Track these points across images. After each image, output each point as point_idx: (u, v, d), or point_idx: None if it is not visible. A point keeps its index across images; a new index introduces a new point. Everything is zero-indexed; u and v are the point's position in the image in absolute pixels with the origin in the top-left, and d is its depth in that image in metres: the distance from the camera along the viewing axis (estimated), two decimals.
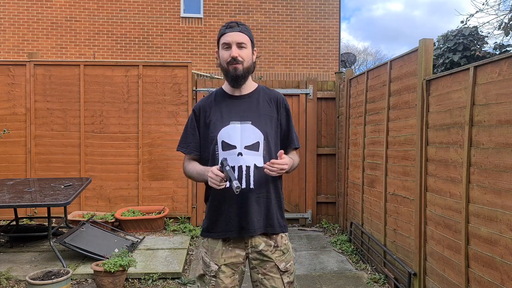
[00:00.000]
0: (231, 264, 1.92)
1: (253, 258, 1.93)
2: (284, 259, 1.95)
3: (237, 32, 1.89)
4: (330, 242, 5.25)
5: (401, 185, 3.75)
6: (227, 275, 1.91)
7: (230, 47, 1.89)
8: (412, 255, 3.50)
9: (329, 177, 6.12)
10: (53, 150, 5.71)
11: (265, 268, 1.92)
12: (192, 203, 5.85)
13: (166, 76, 5.83)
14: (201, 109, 2.01)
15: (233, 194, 1.83)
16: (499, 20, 8.22)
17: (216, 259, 1.91)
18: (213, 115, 1.96)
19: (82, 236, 4.39)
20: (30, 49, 10.01)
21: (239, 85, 1.95)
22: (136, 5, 10.35)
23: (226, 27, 1.92)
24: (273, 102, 2.00)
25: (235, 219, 1.89)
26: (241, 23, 1.94)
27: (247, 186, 1.87)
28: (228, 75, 1.92)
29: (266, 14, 10.59)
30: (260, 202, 1.90)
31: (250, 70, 1.95)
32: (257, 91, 2.02)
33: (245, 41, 1.90)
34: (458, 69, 2.89)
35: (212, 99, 2.02)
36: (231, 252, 1.92)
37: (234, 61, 1.88)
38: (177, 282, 3.89)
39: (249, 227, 1.88)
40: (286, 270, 1.95)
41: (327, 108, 6.12)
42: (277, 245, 1.94)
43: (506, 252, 2.31)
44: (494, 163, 2.43)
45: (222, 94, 2.01)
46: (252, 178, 1.88)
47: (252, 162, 1.89)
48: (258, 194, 1.90)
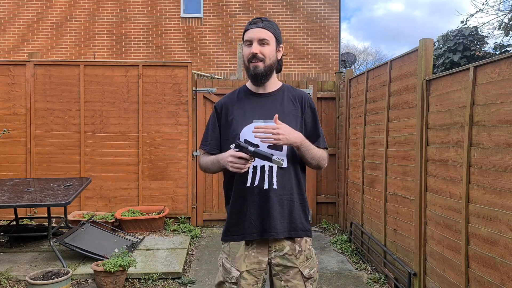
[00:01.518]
0: (253, 271, 1.82)
1: (275, 264, 1.84)
2: (308, 265, 1.87)
3: (259, 28, 1.83)
4: (330, 242, 5.25)
5: (401, 185, 3.75)
6: (249, 283, 1.81)
7: (252, 43, 1.83)
8: (412, 255, 3.50)
9: (329, 177, 6.12)
10: (53, 150, 5.71)
11: (288, 274, 1.83)
12: (192, 203, 5.85)
13: (166, 76, 5.83)
14: (223, 107, 1.94)
15: (255, 195, 1.80)
16: (499, 20, 8.23)
17: (238, 265, 1.82)
18: (236, 113, 1.89)
19: (82, 236, 4.39)
20: (30, 49, 10.01)
21: (260, 83, 1.89)
22: (136, 5, 10.35)
23: (250, 23, 1.86)
24: (297, 101, 1.92)
25: (257, 220, 1.81)
26: (265, 18, 1.88)
27: (270, 187, 1.80)
28: (249, 73, 1.86)
29: (266, 14, 10.59)
30: (283, 204, 1.82)
31: (272, 68, 1.88)
32: (282, 89, 1.94)
33: (267, 37, 1.83)
34: (458, 69, 2.89)
35: (235, 97, 1.95)
36: (253, 258, 1.83)
37: (255, 58, 1.82)
38: (177, 282, 3.89)
39: (271, 229, 1.80)
40: (310, 277, 1.86)
41: (327, 108, 6.12)
42: (301, 249, 1.86)
43: (506, 252, 2.31)
44: (494, 163, 2.43)
45: (246, 91, 1.94)
46: (276, 179, 1.80)
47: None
48: (281, 196, 1.81)
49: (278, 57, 1.91)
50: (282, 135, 1.70)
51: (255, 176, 1.81)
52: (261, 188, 1.80)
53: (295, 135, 1.76)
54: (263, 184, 1.80)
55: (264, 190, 1.79)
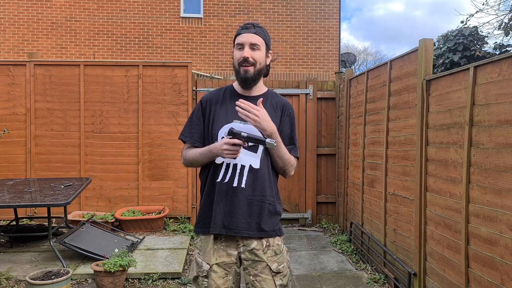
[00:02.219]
0: (223, 264, 1.88)
1: (244, 259, 1.90)
2: (277, 259, 1.91)
3: (251, 34, 1.89)
4: (330, 242, 5.25)
5: (401, 185, 3.75)
6: (219, 276, 1.87)
7: (243, 47, 1.88)
8: (412, 255, 3.50)
9: (329, 177, 6.12)
10: (53, 150, 5.71)
11: (257, 269, 1.88)
12: (192, 203, 5.85)
13: (166, 76, 5.83)
14: (208, 102, 2.00)
15: (223, 190, 1.86)
16: (499, 20, 8.23)
17: (207, 259, 1.89)
18: (219, 110, 1.95)
19: (82, 236, 4.39)
20: (30, 49, 10.01)
21: (249, 87, 1.94)
22: (136, 5, 10.35)
23: (242, 28, 1.92)
24: (278, 108, 1.99)
25: (220, 216, 1.86)
26: (257, 24, 1.93)
27: (238, 185, 1.86)
28: (238, 76, 1.92)
29: (266, 14, 10.59)
30: (253, 205, 1.87)
31: (261, 72, 1.94)
32: (266, 95, 2.00)
33: (259, 42, 1.89)
34: (458, 69, 2.89)
35: (221, 94, 2.01)
36: (222, 251, 1.89)
37: (245, 62, 1.87)
38: (177, 282, 3.89)
39: (233, 227, 1.85)
40: (279, 272, 1.89)
41: (327, 108, 6.12)
42: (269, 244, 1.90)
43: (506, 252, 2.31)
44: (494, 163, 2.43)
45: (232, 91, 2.01)
46: (245, 178, 1.86)
47: (248, 163, 1.89)
48: (251, 196, 1.87)
49: (267, 63, 1.97)
50: (258, 118, 1.75)
51: (226, 172, 1.88)
52: (230, 186, 1.87)
53: (269, 124, 1.79)
54: (233, 181, 1.86)
55: (232, 187, 1.86)
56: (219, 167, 1.89)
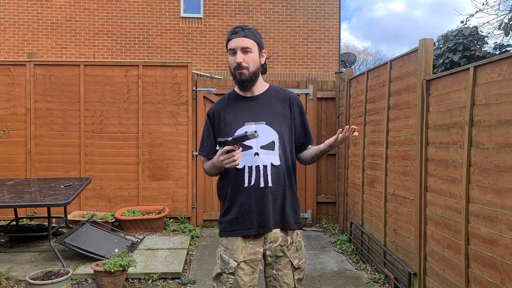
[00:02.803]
0: (250, 261, 1.93)
1: (269, 255, 1.97)
2: (298, 256, 2.00)
3: (241, 38, 1.92)
4: (330, 242, 5.25)
5: (401, 185, 3.75)
6: (246, 273, 1.92)
7: (236, 53, 1.92)
8: (412, 255, 3.50)
9: (329, 177, 6.12)
10: (53, 150, 5.71)
11: (280, 264, 1.96)
12: (192, 203, 5.85)
13: (166, 76, 5.83)
14: (215, 113, 2.05)
15: (252, 193, 1.92)
16: (499, 20, 8.23)
17: (235, 256, 1.93)
18: (227, 117, 2.00)
19: (82, 236, 4.39)
20: (30, 49, 10.01)
21: (247, 89, 1.99)
22: (136, 5, 10.35)
23: (231, 33, 1.95)
24: (285, 101, 2.04)
25: (253, 217, 1.92)
26: (246, 27, 1.96)
27: (265, 185, 1.92)
28: (236, 80, 1.97)
29: (266, 14, 10.59)
30: (276, 199, 1.95)
31: (257, 73, 1.98)
32: (269, 91, 2.06)
33: (250, 45, 1.92)
34: (458, 69, 2.89)
35: (225, 102, 2.06)
36: (250, 249, 1.94)
37: (239, 67, 1.91)
38: (177, 282, 3.89)
39: (267, 224, 1.93)
40: (299, 267, 2.00)
41: (327, 108, 6.12)
42: (292, 241, 1.99)
43: (506, 252, 2.31)
44: (494, 163, 2.43)
45: (235, 96, 2.06)
46: (270, 177, 1.93)
47: (268, 161, 1.94)
48: (276, 192, 1.94)
49: (262, 62, 2.01)
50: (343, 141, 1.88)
51: (251, 176, 1.93)
52: (257, 187, 1.92)
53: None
54: (259, 183, 1.92)
55: (260, 188, 1.92)
56: (241, 172, 1.94)
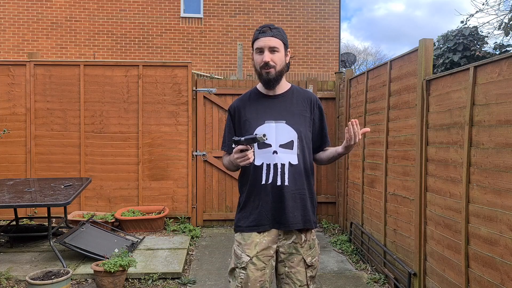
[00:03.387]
0: (262, 256, 1.95)
1: (282, 252, 1.99)
2: (311, 253, 2.02)
3: (269, 37, 1.94)
4: (330, 242, 5.25)
5: (401, 185, 3.75)
6: (258, 268, 1.93)
7: (263, 52, 1.94)
8: (412, 255, 3.50)
9: (329, 177, 6.12)
10: (53, 150, 5.71)
11: (293, 261, 1.98)
12: (192, 203, 5.85)
13: (166, 76, 5.83)
14: (236, 109, 2.08)
15: (268, 191, 1.95)
16: (499, 20, 8.23)
17: (248, 251, 1.95)
18: (248, 114, 2.03)
19: (82, 236, 4.39)
20: (30, 49, 10.01)
21: (272, 87, 2.01)
22: (136, 5, 10.35)
23: (259, 32, 1.97)
24: (306, 102, 2.07)
25: (269, 213, 1.96)
26: (273, 26, 1.98)
27: (282, 183, 1.94)
28: (261, 78, 1.99)
29: (266, 14, 10.59)
30: (296, 199, 1.97)
31: (282, 72, 2.01)
32: (291, 90, 2.08)
33: (277, 45, 1.95)
34: (458, 69, 2.89)
35: (247, 99, 2.09)
36: (264, 245, 1.96)
37: (267, 66, 1.94)
38: (177, 282, 3.89)
39: (283, 221, 1.95)
40: (312, 265, 2.02)
41: (327, 108, 6.12)
42: (306, 239, 2.01)
43: (506, 252, 2.31)
44: (494, 163, 2.43)
45: (257, 93, 2.08)
46: (287, 175, 1.95)
47: (287, 160, 1.96)
48: (294, 191, 1.96)
49: (286, 61, 2.03)
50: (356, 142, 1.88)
51: (268, 173, 1.96)
52: (274, 185, 1.95)
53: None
54: (276, 181, 1.94)
55: (277, 186, 1.94)
56: (259, 170, 1.96)
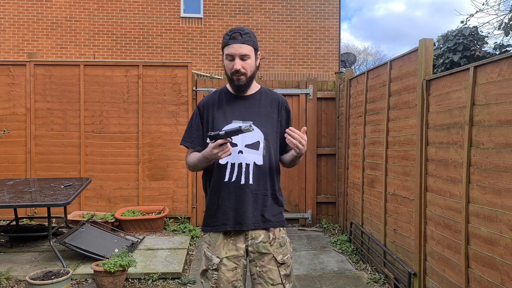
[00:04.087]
0: (232, 257, 1.96)
1: (251, 251, 1.98)
2: (282, 251, 2.01)
3: (240, 44, 1.91)
4: (330, 242, 5.25)
5: (401, 185, 3.75)
6: (229, 268, 1.94)
7: (234, 59, 1.93)
8: (412, 255, 3.50)
9: (329, 177, 6.12)
10: (53, 150, 5.71)
11: (263, 260, 1.97)
12: (192, 203, 5.85)
13: (166, 76, 5.83)
14: (205, 106, 2.07)
15: (231, 189, 1.94)
16: (499, 20, 8.23)
17: (217, 252, 1.96)
18: (216, 113, 2.02)
19: (82, 236, 4.39)
20: (30, 49, 10.01)
21: (242, 93, 2.02)
22: (136, 5, 10.35)
23: (229, 37, 1.93)
24: (274, 104, 2.07)
25: (231, 213, 1.95)
26: (244, 31, 1.93)
27: (246, 182, 1.94)
28: (232, 84, 2.00)
29: (266, 14, 10.59)
30: (258, 198, 1.97)
31: (253, 77, 2.02)
32: (260, 92, 2.09)
33: (247, 51, 1.93)
34: (458, 69, 2.89)
35: (216, 97, 2.08)
36: (231, 245, 1.97)
37: (237, 73, 1.94)
38: (177, 282, 3.89)
39: (244, 221, 1.95)
40: (284, 263, 2.00)
41: (327, 108, 6.12)
42: (275, 237, 2.00)
43: (506, 252, 2.31)
44: (494, 163, 2.43)
45: (226, 93, 2.07)
46: (251, 175, 1.95)
47: (252, 160, 1.96)
48: (257, 191, 1.96)
49: (256, 64, 2.02)
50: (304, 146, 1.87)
51: (232, 172, 1.96)
52: (237, 184, 1.95)
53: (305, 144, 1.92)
54: (240, 179, 1.94)
55: (240, 185, 1.94)
56: (223, 168, 1.96)
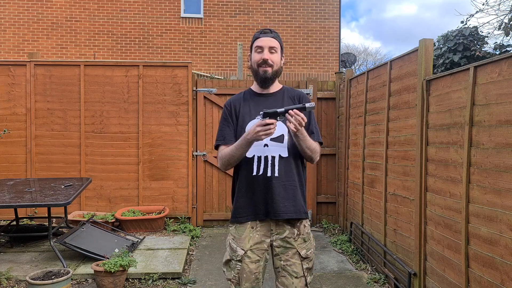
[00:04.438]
0: (256, 250, 2.05)
1: (277, 246, 2.07)
2: (305, 246, 2.10)
3: (270, 38, 2.08)
4: (330, 242, 5.25)
5: (401, 185, 3.75)
6: (252, 260, 2.04)
7: (263, 50, 2.06)
8: (412, 255, 3.50)
9: (329, 177, 6.12)
10: (54, 150, 5.72)
11: (288, 254, 2.06)
12: (192, 203, 5.85)
13: (166, 76, 5.83)
14: (231, 105, 2.18)
15: (260, 182, 2.03)
16: (499, 20, 8.23)
17: (242, 245, 2.05)
18: (242, 110, 2.13)
19: (82, 236, 4.39)
20: (30, 49, 10.01)
21: (267, 86, 2.13)
22: (136, 5, 10.35)
23: (260, 32, 2.11)
24: (296, 99, 2.16)
25: (261, 203, 2.04)
26: (274, 30, 2.14)
27: (272, 174, 2.03)
28: (258, 76, 2.10)
29: (266, 14, 10.59)
30: (287, 189, 2.05)
31: (278, 73, 2.14)
32: (282, 90, 2.20)
33: (276, 46, 2.09)
34: (458, 69, 2.90)
35: (241, 97, 2.20)
36: (257, 239, 2.06)
37: (265, 63, 2.06)
38: (177, 282, 3.89)
39: (275, 211, 2.02)
40: (307, 257, 2.09)
41: (327, 108, 6.12)
42: (299, 233, 2.09)
43: (506, 252, 2.32)
44: (494, 163, 2.43)
45: (251, 92, 2.20)
46: (277, 167, 2.04)
47: (277, 153, 2.05)
48: (285, 182, 2.05)
49: (281, 65, 2.16)
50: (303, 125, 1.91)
51: (259, 165, 2.05)
52: (265, 176, 2.04)
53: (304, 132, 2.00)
54: (267, 172, 2.03)
55: (268, 177, 2.03)
56: (250, 162, 2.05)
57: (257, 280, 2.06)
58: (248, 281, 2.03)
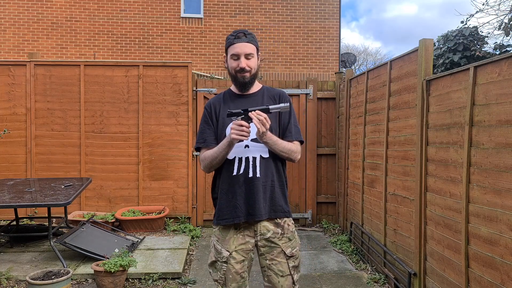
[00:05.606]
0: (241, 251, 2.07)
1: (261, 246, 2.09)
2: (290, 245, 2.11)
3: (244, 43, 2.04)
4: (330, 242, 5.25)
5: (401, 185, 3.75)
6: (237, 261, 2.06)
7: (239, 58, 2.04)
8: (412, 255, 3.50)
9: (329, 177, 6.12)
10: (54, 150, 5.72)
11: (273, 254, 2.08)
12: (192, 203, 5.85)
13: (167, 76, 5.83)
14: (211, 106, 2.18)
15: (241, 182, 2.02)
16: (499, 20, 8.23)
17: (227, 246, 2.07)
18: (222, 112, 2.12)
19: (82, 236, 4.39)
20: (30, 49, 10.01)
21: (246, 90, 2.13)
22: (136, 5, 10.35)
23: (234, 37, 2.05)
24: (275, 98, 2.16)
25: (243, 206, 2.04)
26: (248, 32, 2.08)
27: (253, 175, 2.04)
28: (237, 82, 2.11)
29: (266, 14, 10.59)
30: (266, 190, 2.06)
31: (256, 75, 2.13)
32: (262, 90, 2.20)
33: (252, 51, 2.06)
34: (458, 69, 2.90)
35: (221, 98, 2.20)
36: (241, 239, 2.07)
37: (243, 71, 2.05)
38: (177, 282, 3.89)
39: (255, 213, 2.03)
40: (292, 255, 2.10)
41: (327, 108, 6.12)
42: (283, 232, 2.10)
43: (506, 252, 2.32)
44: (494, 163, 2.43)
45: (230, 93, 2.20)
46: (258, 168, 2.05)
47: (258, 154, 2.06)
48: (265, 183, 2.06)
49: (258, 63, 2.15)
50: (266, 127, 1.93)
51: (240, 166, 2.05)
52: (246, 176, 2.04)
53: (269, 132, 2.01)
54: (248, 172, 2.04)
55: (249, 178, 2.04)
56: (231, 163, 2.06)
57: (243, 279, 2.09)
58: (234, 281, 2.06)
